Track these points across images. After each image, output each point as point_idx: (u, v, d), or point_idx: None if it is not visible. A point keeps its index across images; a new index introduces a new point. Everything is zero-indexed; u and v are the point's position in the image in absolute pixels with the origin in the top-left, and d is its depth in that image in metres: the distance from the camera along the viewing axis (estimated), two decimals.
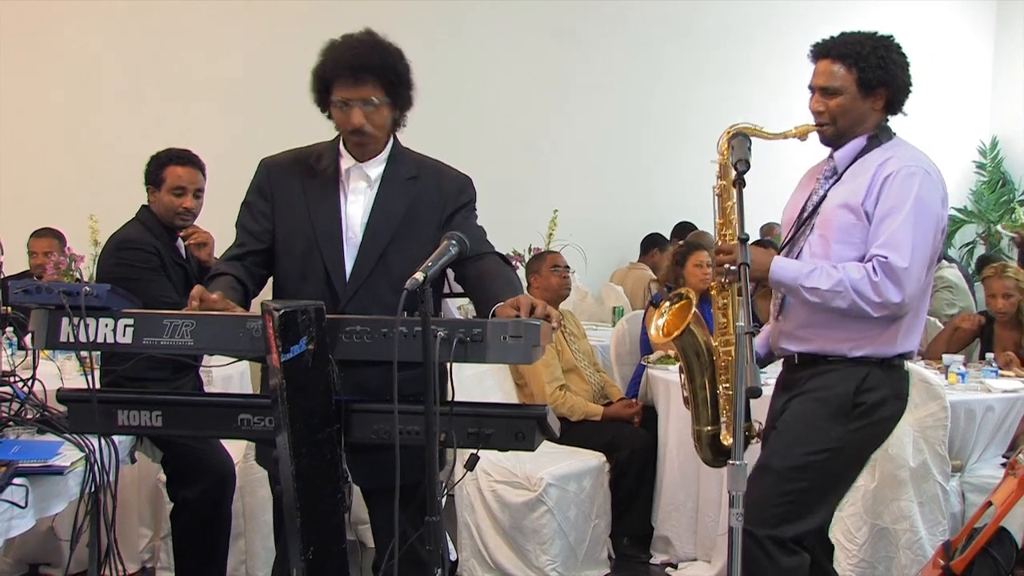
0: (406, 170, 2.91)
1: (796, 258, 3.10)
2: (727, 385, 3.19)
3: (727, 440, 3.23)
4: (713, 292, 3.21)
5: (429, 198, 2.89)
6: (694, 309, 3.17)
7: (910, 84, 3.11)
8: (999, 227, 9.14)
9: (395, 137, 2.95)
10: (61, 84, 6.95)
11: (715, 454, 3.30)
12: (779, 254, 3.14)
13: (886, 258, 2.87)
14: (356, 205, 2.87)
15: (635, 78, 8.95)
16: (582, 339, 5.66)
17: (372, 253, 2.83)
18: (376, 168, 2.88)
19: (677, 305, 3.24)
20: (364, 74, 2.74)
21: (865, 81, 3.02)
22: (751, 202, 2.93)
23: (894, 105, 3.11)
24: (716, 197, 3.16)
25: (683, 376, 3.28)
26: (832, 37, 3.11)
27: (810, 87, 3.12)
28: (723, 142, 3.13)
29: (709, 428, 3.24)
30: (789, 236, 3.24)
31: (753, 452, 3.79)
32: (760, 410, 3.26)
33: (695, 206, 7.18)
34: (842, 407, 3.02)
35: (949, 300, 7.02)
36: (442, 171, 2.97)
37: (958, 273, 7.42)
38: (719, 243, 3.09)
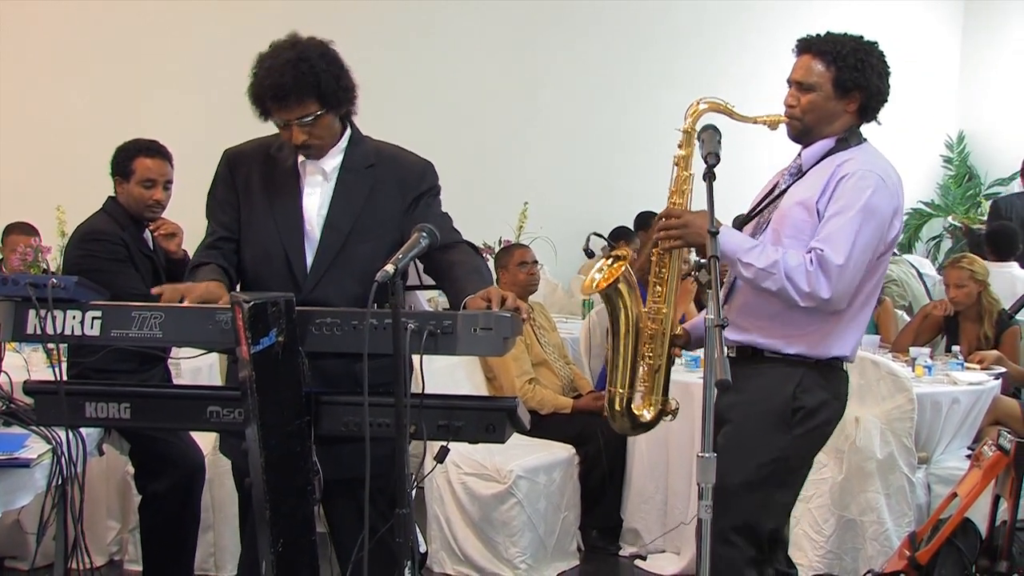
0: (364, 159, 2.89)
1: None
2: (651, 356, 3.13)
3: (640, 411, 3.17)
4: (653, 259, 3.14)
5: (388, 186, 2.87)
6: (625, 267, 3.12)
7: (886, 93, 3.08)
8: (949, 218, 9.24)
9: (352, 125, 2.93)
10: (27, 73, 6.87)
11: (632, 423, 3.21)
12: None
13: (822, 251, 2.87)
14: (313, 198, 2.86)
15: (607, 72, 8.96)
16: (552, 332, 5.67)
17: (332, 247, 2.82)
18: (332, 160, 2.87)
19: (616, 264, 3.17)
20: (290, 96, 2.70)
21: (840, 81, 3.00)
22: (721, 197, 2.92)
23: (867, 111, 3.08)
24: (674, 166, 3.11)
25: (608, 334, 3.24)
26: (817, 34, 3.08)
27: (788, 81, 3.10)
28: (690, 113, 3.09)
29: (623, 391, 3.15)
30: (745, 217, 3.23)
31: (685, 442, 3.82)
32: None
33: (664, 198, 7.21)
34: (782, 415, 3.01)
35: (900, 293, 7.10)
36: (401, 157, 2.95)
37: (908, 269, 7.50)
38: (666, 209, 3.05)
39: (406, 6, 7.98)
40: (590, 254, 2.87)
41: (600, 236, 2.71)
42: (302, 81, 2.69)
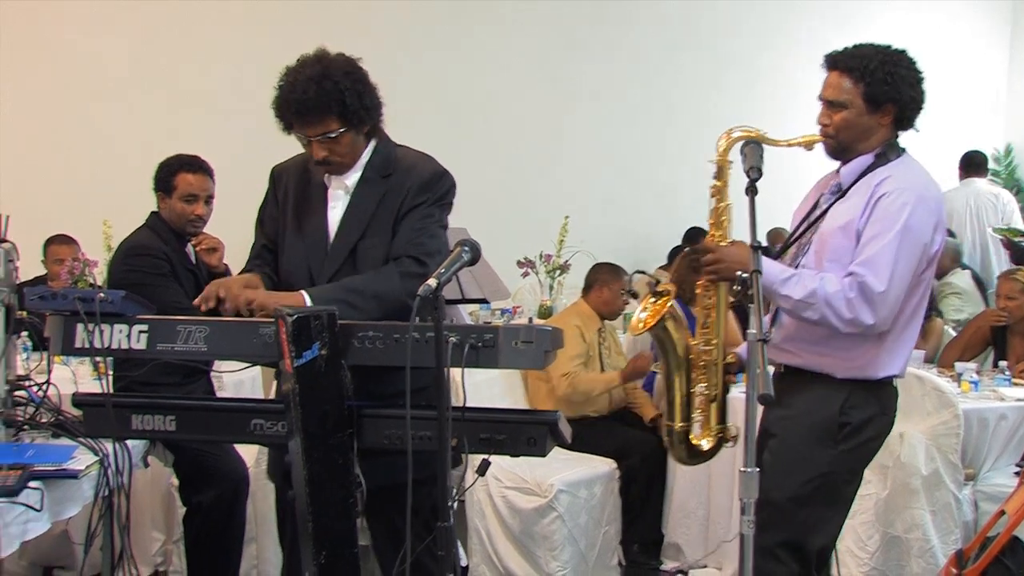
0: (383, 168, 2.92)
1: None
2: (704, 385, 3.12)
3: (697, 440, 3.16)
4: (699, 291, 3.13)
5: (396, 193, 2.89)
6: (670, 304, 3.10)
7: (921, 100, 3.01)
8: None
9: (379, 134, 2.95)
10: (74, 89, 6.99)
11: (688, 453, 3.21)
12: (776, 258, 3.12)
13: (863, 278, 2.84)
14: (336, 211, 2.92)
15: (650, 82, 8.92)
16: (618, 356, 5.56)
17: (341, 252, 2.87)
18: (355, 175, 2.91)
19: (660, 300, 3.16)
20: (311, 113, 2.74)
21: (871, 96, 2.95)
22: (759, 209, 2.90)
23: (903, 122, 3.02)
24: (711, 198, 3.10)
25: (660, 370, 3.25)
26: (843, 49, 3.03)
27: (819, 99, 3.07)
28: (723, 143, 3.07)
29: (680, 425, 3.15)
30: (787, 242, 3.22)
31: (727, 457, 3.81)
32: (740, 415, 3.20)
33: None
34: (828, 430, 2.98)
35: (957, 306, 7.01)
36: (418, 167, 2.94)
37: (969, 280, 7.40)
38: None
39: (439, 17, 8.00)
40: (634, 294, 2.85)
41: (643, 272, 2.67)
42: (325, 98, 2.72)
